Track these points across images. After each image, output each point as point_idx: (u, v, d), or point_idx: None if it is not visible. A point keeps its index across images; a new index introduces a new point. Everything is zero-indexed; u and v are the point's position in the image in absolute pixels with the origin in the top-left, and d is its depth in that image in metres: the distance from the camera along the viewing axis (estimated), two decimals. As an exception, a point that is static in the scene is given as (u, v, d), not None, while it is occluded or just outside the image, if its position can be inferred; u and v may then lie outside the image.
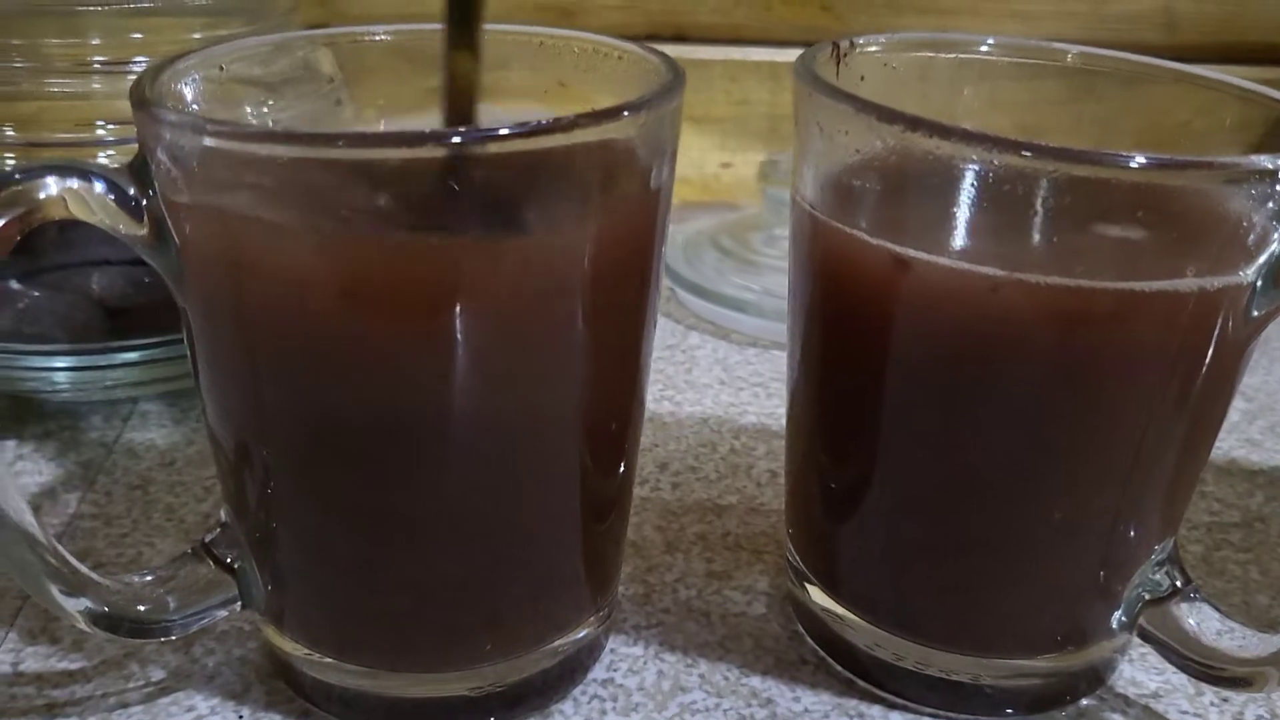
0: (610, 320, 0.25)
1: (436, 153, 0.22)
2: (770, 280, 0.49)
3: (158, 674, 0.29)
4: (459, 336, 0.23)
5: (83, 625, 0.26)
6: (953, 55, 0.30)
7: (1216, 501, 0.38)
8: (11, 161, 0.37)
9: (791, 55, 0.28)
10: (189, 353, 0.26)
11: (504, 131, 0.21)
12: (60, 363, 0.38)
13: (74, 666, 0.29)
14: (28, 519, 0.25)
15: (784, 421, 0.41)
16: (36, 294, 0.37)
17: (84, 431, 0.39)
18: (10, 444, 0.38)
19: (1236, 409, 0.28)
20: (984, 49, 0.30)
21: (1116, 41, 0.31)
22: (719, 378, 0.45)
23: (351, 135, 0.22)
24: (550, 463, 0.26)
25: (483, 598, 0.27)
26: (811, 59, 0.27)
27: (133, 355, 0.39)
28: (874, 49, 0.29)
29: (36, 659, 0.29)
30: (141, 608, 0.26)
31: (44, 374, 0.39)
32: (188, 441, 0.39)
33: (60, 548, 0.25)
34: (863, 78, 0.29)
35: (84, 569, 0.26)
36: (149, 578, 0.27)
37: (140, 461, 0.38)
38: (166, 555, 0.33)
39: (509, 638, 0.27)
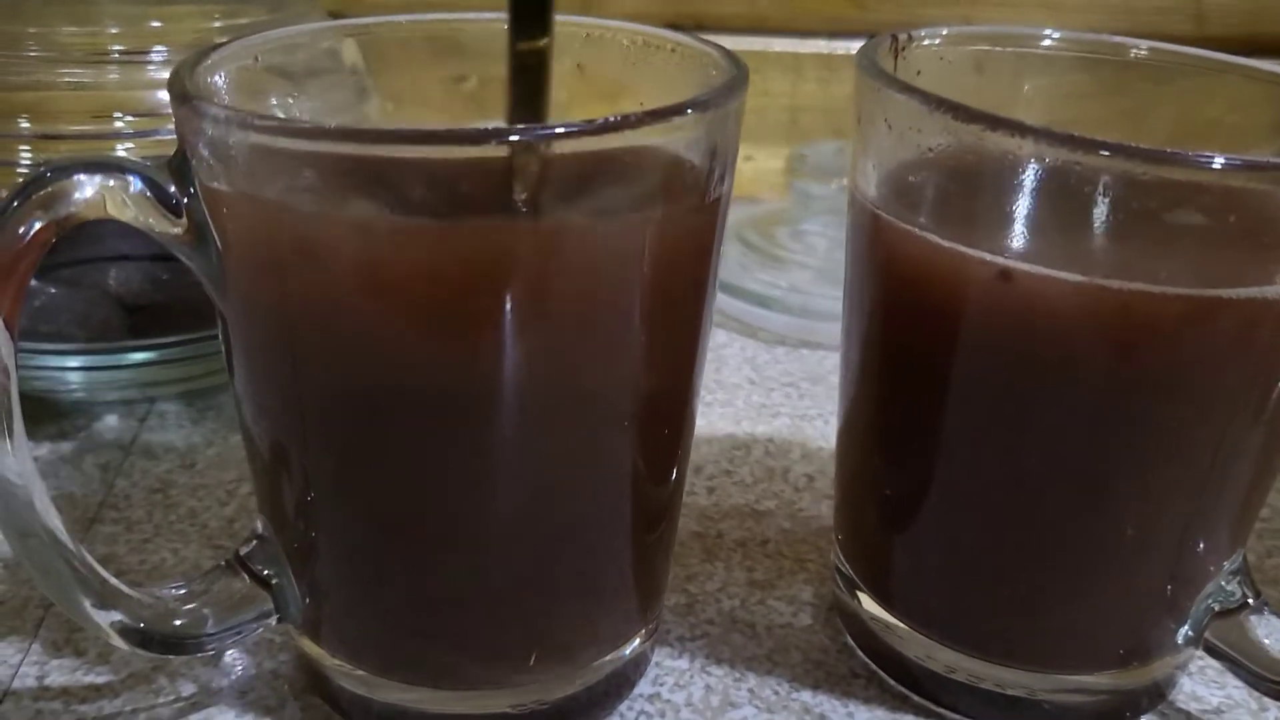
0: (666, 324, 0.24)
1: (498, 151, 0.21)
2: (796, 276, 0.48)
3: (188, 688, 0.28)
4: (510, 338, 0.22)
5: (115, 640, 0.25)
6: (1011, 50, 0.29)
7: (1266, 508, 0.37)
8: (27, 154, 0.36)
9: (814, 46, 0.27)
10: (225, 356, 0.25)
11: (562, 130, 0.20)
12: (75, 361, 0.37)
13: (101, 680, 0.28)
14: (56, 523, 0.24)
15: (818, 423, 0.40)
16: (53, 291, 0.36)
17: (100, 433, 0.38)
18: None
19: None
20: (1044, 44, 0.29)
21: (1145, 33, 0.30)
22: (749, 377, 0.44)
23: (409, 132, 0.21)
24: (602, 470, 0.25)
25: (530, 612, 0.26)
26: (872, 52, 0.26)
27: (150, 354, 0.37)
28: (931, 42, 0.28)
29: (62, 672, 0.28)
30: (176, 623, 0.25)
31: (58, 373, 0.38)
32: (207, 443, 0.38)
33: (90, 558, 0.24)
34: (919, 71, 0.28)
35: (115, 581, 0.25)
36: (182, 591, 0.26)
37: (159, 464, 0.37)
38: (190, 562, 0.32)
39: (555, 653, 0.26)
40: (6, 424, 0.23)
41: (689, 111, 0.22)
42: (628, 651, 0.27)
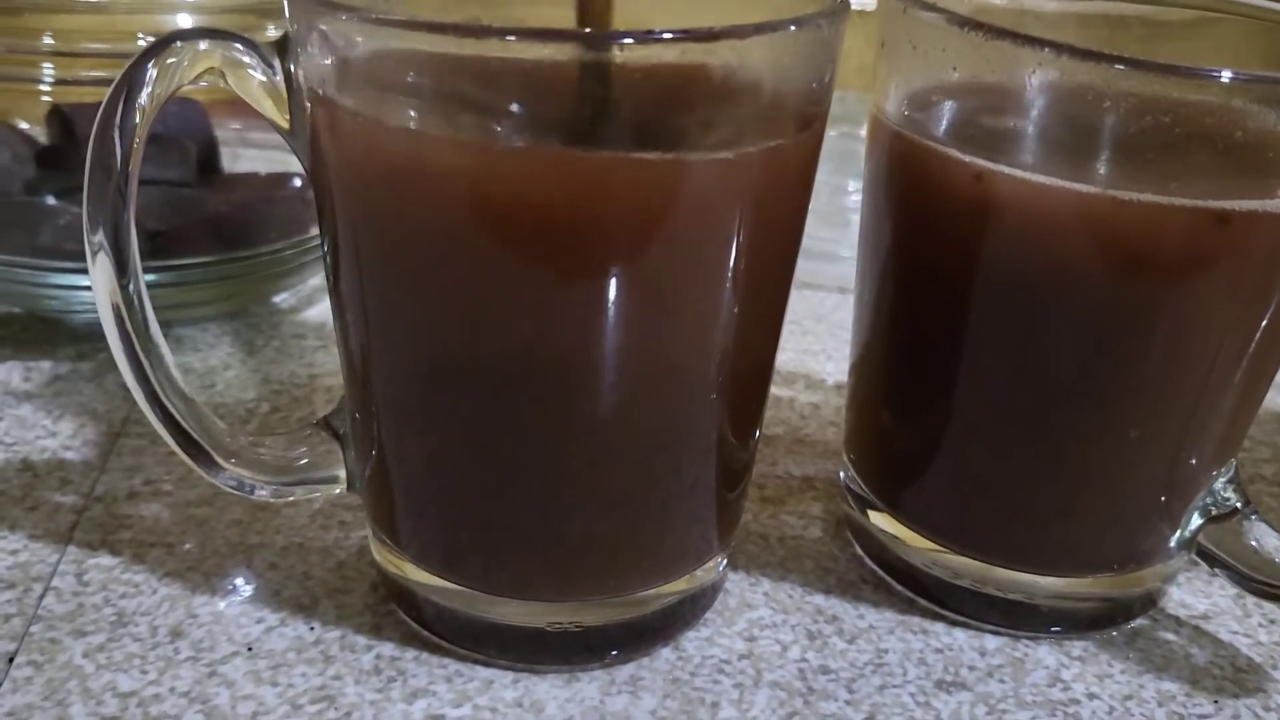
0: (771, 254, 0.25)
1: (608, 55, 0.21)
2: (796, 221, 0.50)
3: (223, 586, 0.29)
4: (599, 257, 0.22)
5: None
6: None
7: (1248, 439, 0.38)
8: (50, 71, 0.36)
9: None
10: (320, 235, 0.26)
11: (668, 35, 0.21)
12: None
13: (138, 578, 0.29)
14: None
15: (820, 358, 0.42)
16: (76, 210, 0.36)
17: (118, 354, 0.39)
18: (46, 364, 0.38)
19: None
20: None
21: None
22: (751, 315, 0.45)
23: (529, 30, 0.21)
24: (687, 418, 0.25)
25: (597, 537, 0.26)
26: (893, -20, 0.27)
27: (168, 275, 0.38)
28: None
29: (99, 570, 0.29)
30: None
31: (73, 293, 0.38)
32: (225, 365, 0.39)
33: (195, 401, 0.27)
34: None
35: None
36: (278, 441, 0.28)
37: (178, 384, 0.37)
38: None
39: (600, 579, 0.27)
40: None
41: (792, 28, 0.22)
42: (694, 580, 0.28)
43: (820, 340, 0.43)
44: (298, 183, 0.41)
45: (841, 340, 0.43)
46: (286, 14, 0.23)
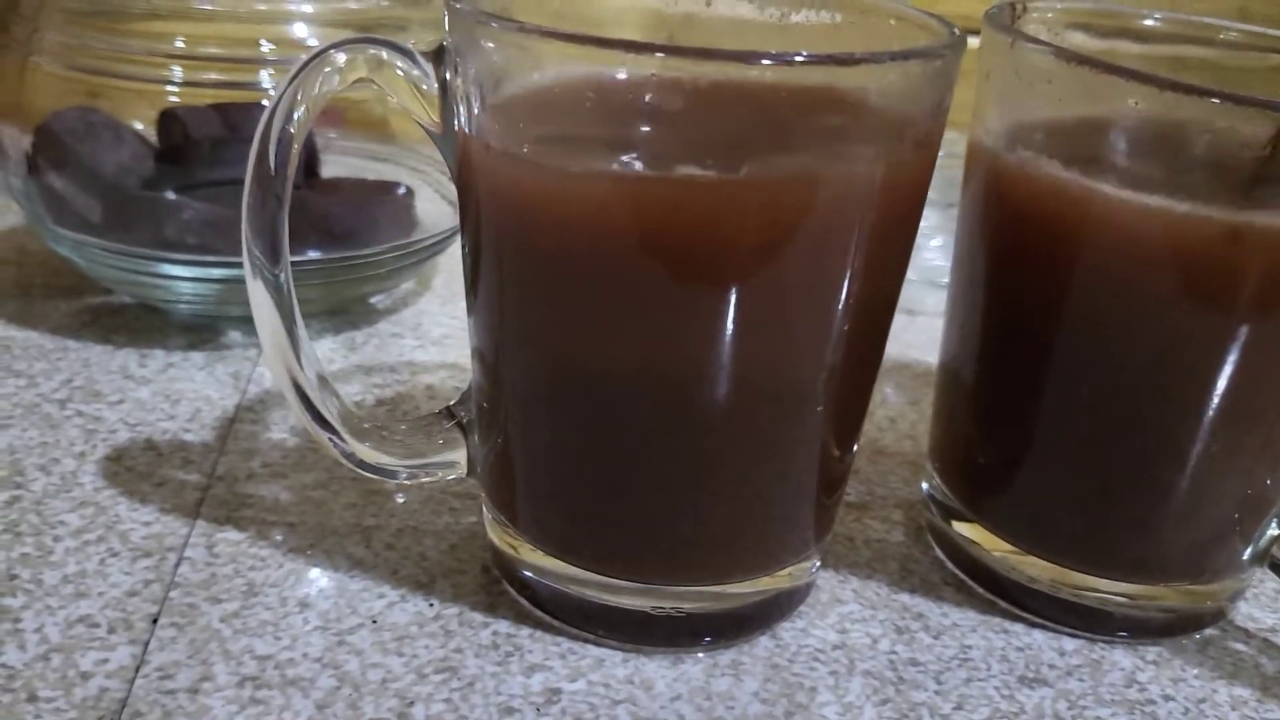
0: (878, 271, 0.26)
1: (753, 76, 0.23)
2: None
3: (343, 563, 0.30)
4: (723, 276, 0.24)
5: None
6: (1112, 25, 0.32)
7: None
8: (178, 72, 0.38)
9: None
10: (461, 237, 0.28)
11: (800, 59, 0.22)
12: (216, 274, 0.39)
13: (264, 553, 0.30)
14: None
15: (893, 375, 0.43)
16: (199, 205, 0.38)
17: (226, 346, 0.41)
18: (159, 353, 0.40)
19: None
20: (1148, 23, 0.32)
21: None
22: (821, 331, 0.47)
23: (689, 49, 0.22)
24: (794, 426, 0.27)
25: (704, 531, 0.28)
26: (998, 13, 0.29)
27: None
28: (1044, 13, 0.31)
29: (228, 544, 0.31)
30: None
31: (177, 283, 0.39)
32: (328, 360, 0.40)
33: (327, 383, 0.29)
34: (1032, 37, 0.31)
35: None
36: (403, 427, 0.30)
37: (284, 376, 0.39)
38: (331, 459, 0.35)
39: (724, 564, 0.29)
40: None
41: (920, 58, 0.24)
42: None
43: (888, 358, 0.45)
44: (402, 190, 0.43)
45: (904, 360, 0.45)
46: (447, 25, 0.25)
